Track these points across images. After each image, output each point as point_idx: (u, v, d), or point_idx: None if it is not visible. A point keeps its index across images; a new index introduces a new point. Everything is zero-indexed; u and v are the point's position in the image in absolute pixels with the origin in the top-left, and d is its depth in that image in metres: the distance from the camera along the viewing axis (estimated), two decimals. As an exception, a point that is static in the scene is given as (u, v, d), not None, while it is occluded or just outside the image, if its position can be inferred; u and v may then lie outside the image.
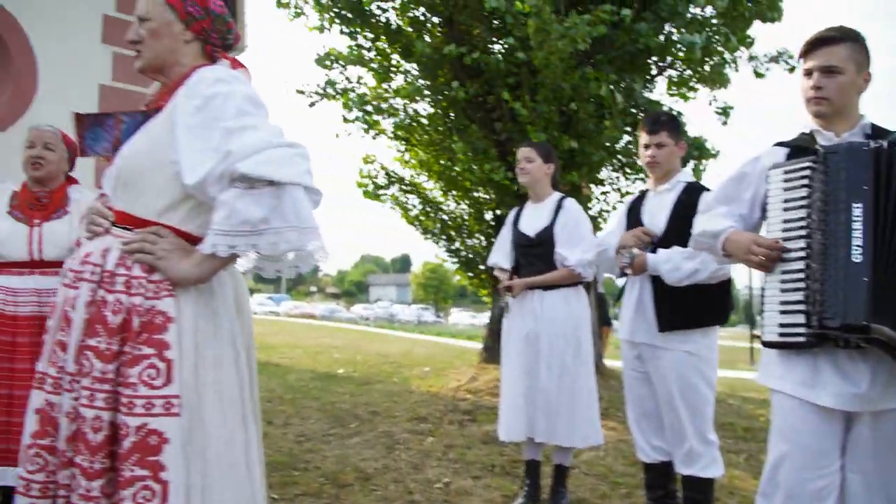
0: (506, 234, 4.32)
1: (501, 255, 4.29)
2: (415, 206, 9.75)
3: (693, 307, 3.25)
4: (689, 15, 7.77)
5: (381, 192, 9.56)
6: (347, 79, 8.96)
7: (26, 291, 3.18)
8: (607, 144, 7.72)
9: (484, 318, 44.33)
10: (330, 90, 8.73)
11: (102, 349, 1.76)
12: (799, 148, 2.34)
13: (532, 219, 4.16)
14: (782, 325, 2.21)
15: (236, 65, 2.03)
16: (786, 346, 2.22)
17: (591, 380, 4.01)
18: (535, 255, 4.08)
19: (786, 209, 2.26)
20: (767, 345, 2.29)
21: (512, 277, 4.14)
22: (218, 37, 2.02)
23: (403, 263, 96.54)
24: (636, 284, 3.43)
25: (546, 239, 4.02)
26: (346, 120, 8.64)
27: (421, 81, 8.54)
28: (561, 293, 4.01)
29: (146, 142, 1.88)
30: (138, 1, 1.98)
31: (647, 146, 3.44)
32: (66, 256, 3.13)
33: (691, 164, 7.92)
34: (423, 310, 54.48)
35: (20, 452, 1.86)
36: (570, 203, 4.10)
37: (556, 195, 4.16)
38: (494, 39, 8.11)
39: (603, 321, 10.49)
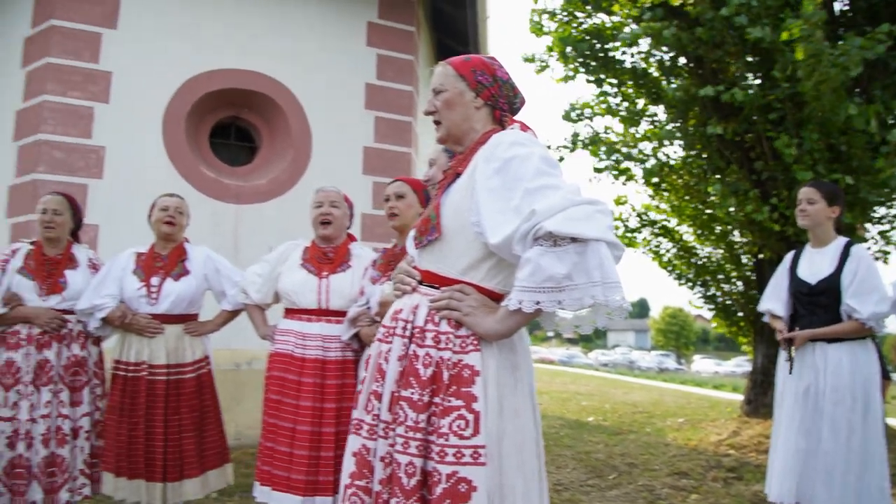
0: (781, 280, 4.02)
1: (776, 302, 4.01)
2: (668, 251, 9.44)
3: None
4: None
5: (632, 235, 9.37)
6: (594, 130, 8.92)
7: (314, 336, 3.42)
8: (885, 183, 6.93)
9: (729, 366, 41.93)
10: (578, 141, 8.74)
11: (415, 400, 1.87)
12: None
13: (813, 265, 3.83)
14: None
15: (525, 128, 2.08)
16: None
17: (883, 444, 3.61)
18: (817, 303, 3.76)
19: None
20: None
21: (792, 328, 3.81)
22: (505, 101, 2.11)
23: (641, 308, 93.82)
24: None
25: (830, 288, 3.70)
26: (596, 169, 8.60)
27: (671, 125, 8.29)
28: (847, 346, 3.67)
29: (449, 206, 1.98)
30: (433, 76, 2.12)
31: None
32: (349, 306, 3.38)
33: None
34: (663, 356, 52.26)
35: (340, 491, 2.01)
36: (860, 250, 3.74)
37: (841, 240, 3.81)
38: (751, 75, 7.67)
39: (883, 374, 9.34)
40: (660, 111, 8.70)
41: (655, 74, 8.64)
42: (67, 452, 3.54)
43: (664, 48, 8.17)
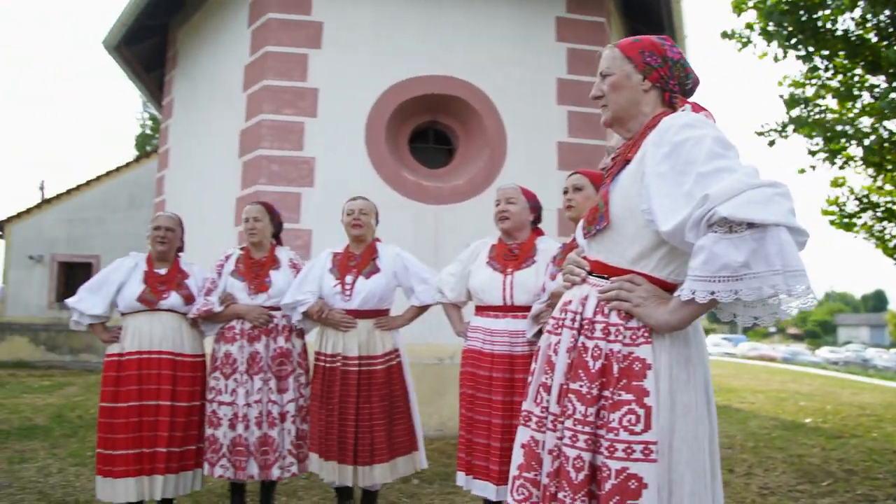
0: None
1: None
2: (893, 236, 8.50)
3: None
4: None
5: (851, 220, 8.55)
6: (808, 110, 8.26)
7: (500, 332, 3.48)
8: None
9: None
10: (790, 127, 8.13)
11: (584, 393, 1.84)
12: None
13: None
14: None
15: (697, 108, 1.96)
16: None
17: None
18: None
19: None
20: None
21: None
22: (676, 83, 2.01)
23: (877, 301, 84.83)
24: None
25: None
26: (810, 152, 7.96)
27: (894, 95, 7.47)
28: None
29: (618, 193, 1.92)
30: (600, 59, 2.06)
31: None
32: (533, 301, 3.38)
33: None
34: (905, 354, 46.80)
35: (509, 483, 2.03)
36: None
37: None
38: None
39: None
40: (880, 81, 7.86)
41: (874, 40, 7.82)
42: (277, 434, 3.87)
43: (885, 8, 7.39)
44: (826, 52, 8.07)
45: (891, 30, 7.66)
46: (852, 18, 7.79)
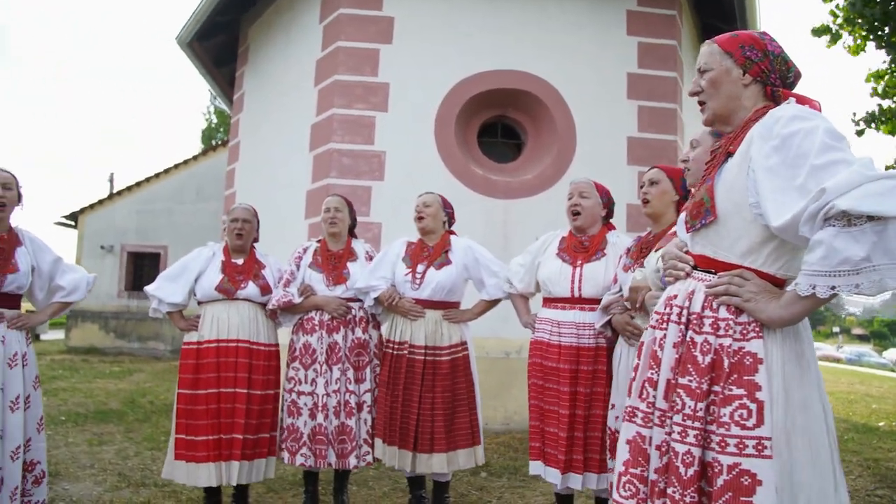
0: None
1: None
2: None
3: None
4: None
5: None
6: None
7: (568, 324, 3.47)
8: None
9: None
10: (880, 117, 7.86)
11: (693, 387, 1.84)
12: None
13: None
14: None
15: (802, 101, 1.93)
16: None
17: None
18: None
19: None
20: None
21: None
22: (777, 76, 1.98)
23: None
24: None
25: None
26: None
27: None
28: None
29: (722, 187, 1.90)
30: (699, 56, 2.04)
31: None
32: (602, 294, 3.36)
33: None
34: None
35: (614, 479, 2.03)
36: None
37: None
38: None
39: None
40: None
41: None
42: (354, 423, 3.92)
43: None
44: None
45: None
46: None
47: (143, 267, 16.05)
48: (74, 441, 5.94)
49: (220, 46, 9.99)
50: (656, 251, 2.66)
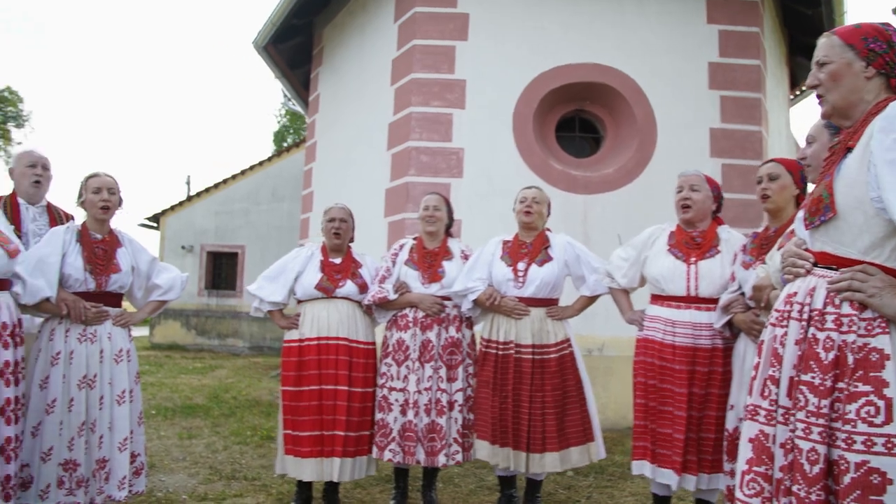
0: None
1: None
2: None
3: None
4: None
5: None
6: None
7: (683, 324, 3.38)
8: None
9: None
10: None
11: (816, 384, 1.81)
12: None
13: None
14: None
15: None
16: None
17: None
18: None
19: None
20: None
21: None
22: None
23: None
24: None
25: None
26: None
27: None
28: None
29: (842, 182, 1.87)
30: (817, 48, 2.00)
31: None
32: (719, 292, 3.26)
33: None
34: None
35: (737, 478, 2.01)
36: None
37: None
38: None
39: None
40: None
41: None
42: (444, 422, 3.92)
43: None
44: None
45: None
46: None
47: (221, 266, 16.48)
48: (166, 434, 6.13)
49: (294, 49, 10.17)
50: (779, 249, 2.59)
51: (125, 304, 3.72)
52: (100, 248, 3.48)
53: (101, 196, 3.49)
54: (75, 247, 3.42)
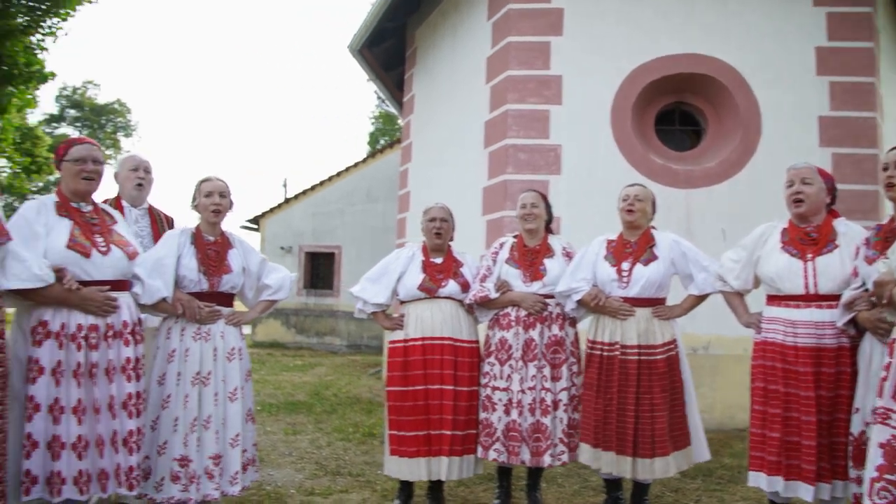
0: None
1: None
2: None
3: None
4: None
5: None
6: None
7: (805, 324, 3.22)
8: None
9: None
10: None
11: None
12: None
13: None
14: None
15: None
16: None
17: None
18: None
19: None
20: None
21: None
22: None
23: None
24: None
25: None
26: None
27: None
28: None
29: None
30: None
31: None
32: (841, 289, 3.10)
33: None
34: None
35: (865, 485, 1.86)
36: None
37: None
38: None
39: None
40: None
41: None
42: (549, 421, 3.87)
43: None
44: None
45: None
46: None
47: (319, 266, 16.85)
48: (272, 430, 6.31)
49: (388, 52, 10.29)
50: None
51: (237, 303, 3.83)
52: (212, 249, 3.60)
53: (213, 199, 3.62)
54: (189, 249, 3.55)
